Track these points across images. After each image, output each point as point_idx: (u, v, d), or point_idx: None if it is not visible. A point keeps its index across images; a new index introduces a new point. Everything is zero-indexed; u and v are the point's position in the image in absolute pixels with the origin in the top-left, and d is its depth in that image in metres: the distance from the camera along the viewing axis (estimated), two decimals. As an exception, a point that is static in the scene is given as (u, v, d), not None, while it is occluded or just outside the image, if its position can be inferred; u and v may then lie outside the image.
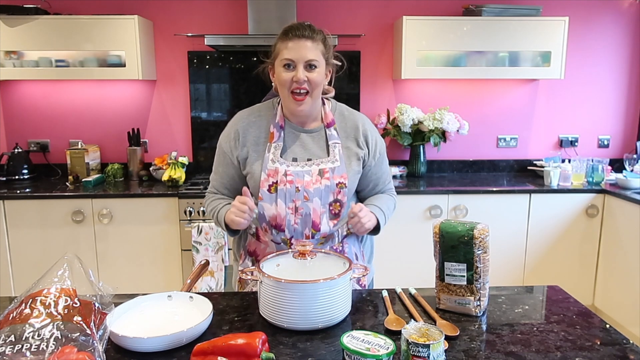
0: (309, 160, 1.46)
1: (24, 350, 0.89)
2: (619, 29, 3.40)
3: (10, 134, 3.33)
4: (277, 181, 1.41)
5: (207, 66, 3.30)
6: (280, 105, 1.50)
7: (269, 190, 1.42)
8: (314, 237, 1.45)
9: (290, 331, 1.15)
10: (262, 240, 1.50)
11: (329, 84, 1.52)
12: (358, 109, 1.96)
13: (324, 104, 1.52)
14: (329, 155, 1.47)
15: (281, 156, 1.45)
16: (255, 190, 1.46)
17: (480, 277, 1.22)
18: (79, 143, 3.21)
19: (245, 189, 1.41)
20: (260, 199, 1.43)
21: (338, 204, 1.45)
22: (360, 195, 1.62)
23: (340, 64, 1.51)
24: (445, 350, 1.00)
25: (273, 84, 1.49)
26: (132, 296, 1.25)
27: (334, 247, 1.50)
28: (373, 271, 1.71)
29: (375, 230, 1.52)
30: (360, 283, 1.55)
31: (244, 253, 1.56)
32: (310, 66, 1.38)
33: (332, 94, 1.57)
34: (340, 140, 1.49)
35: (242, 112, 1.55)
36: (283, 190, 1.41)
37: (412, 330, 0.98)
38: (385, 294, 1.36)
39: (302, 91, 1.39)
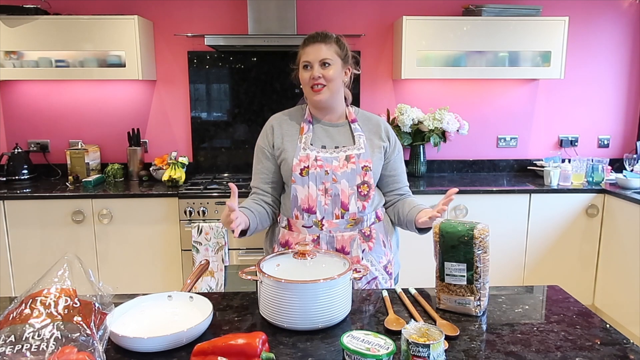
0: (336, 147, 1.62)
1: (24, 350, 0.89)
2: (619, 29, 3.40)
3: (10, 134, 3.33)
4: (308, 165, 1.57)
5: (207, 66, 3.30)
6: (307, 105, 1.67)
7: (300, 173, 1.57)
8: (344, 216, 1.58)
9: (290, 331, 1.15)
10: (294, 229, 1.61)
11: (348, 86, 1.67)
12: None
13: (347, 106, 1.69)
14: (354, 144, 1.62)
15: (311, 144, 1.61)
16: (287, 176, 1.60)
17: (480, 277, 1.22)
18: (79, 143, 3.21)
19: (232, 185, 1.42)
20: (293, 182, 1.57)
21: (366, 185, 1.59)
22: (385, 191, 1.72)
23: (357, 57, 1.67)
24: (445, 350, 1.00)
25: (302, 86, 1.64)
26: (132, 296, 1.25)
27: (363, 231, 1.61)
28: (399, 264, 1.80)
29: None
30: (387, 270, 1.67)
31: (277, 246, 1.66)
32: (324, 64, 1.55)
33: (350, 99, 1.70)
34: (363, 134, 1.64)
35: (275, 114, 1.72)
36: (314, 174, 1.56)
37: (412, 330, 0.98)
38: (385, 294, 1.36)
39: (319, 85, 1.56)
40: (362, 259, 1.60)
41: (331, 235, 1.57)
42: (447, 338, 1.10)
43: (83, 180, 3.01)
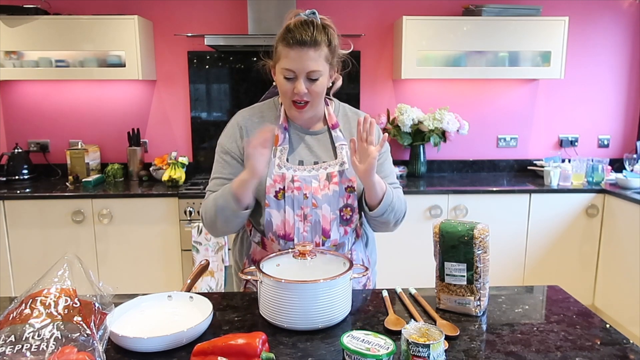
0: (315, 163, 1.41)
1: (24, 350, 0.89)
2: (619, 29, 3.40)
3: (10, 134, 3.33)
4: (284, 187, 1.36)
5: (207, 66, 3.30)
6: (282, 105, 1.45)
7: (275, 196, 1.37)
8: (324, 244, 1.40)
9: (290, 331, 1.15)
10: (268, 249, 1.43)
11: (337, 71, 1.43)
12: (358, 109, 1.95)
13: (327, 104, 1.48)
14: (336, 158, 1.42)
15: (287, 159, 1.41)
16: (260, 194, 1.39)
17: (480, 277, 1.22)
18: (79, 143, 3.21)
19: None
20: (267, 205, 1.38)
21: (349, 208, 1.41)
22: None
23: (349, 50, 1.43)
24: (445, 350, 1.00)
25: (274, 82, 1.43)
26: (132, 296, 1.25)
27: None
28: (376, 273, 1.67)
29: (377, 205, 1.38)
30: (366, 288, 1.53)
31: (247, 262, 1.51)
32: (312, 77, 1.32)
33: (339, 82, 1.47)
34: (346, 141, 1.44)
35: (242, 111, 1.49)
36: (291, 197, 1.36)
37: (412, 330, 0.98)
38: (385, 294, 1.35)
39: (302, 102, 1.36)
40: None
41: None
42: (447, 338, 1.09)
43: (83, 180, 3.01)
